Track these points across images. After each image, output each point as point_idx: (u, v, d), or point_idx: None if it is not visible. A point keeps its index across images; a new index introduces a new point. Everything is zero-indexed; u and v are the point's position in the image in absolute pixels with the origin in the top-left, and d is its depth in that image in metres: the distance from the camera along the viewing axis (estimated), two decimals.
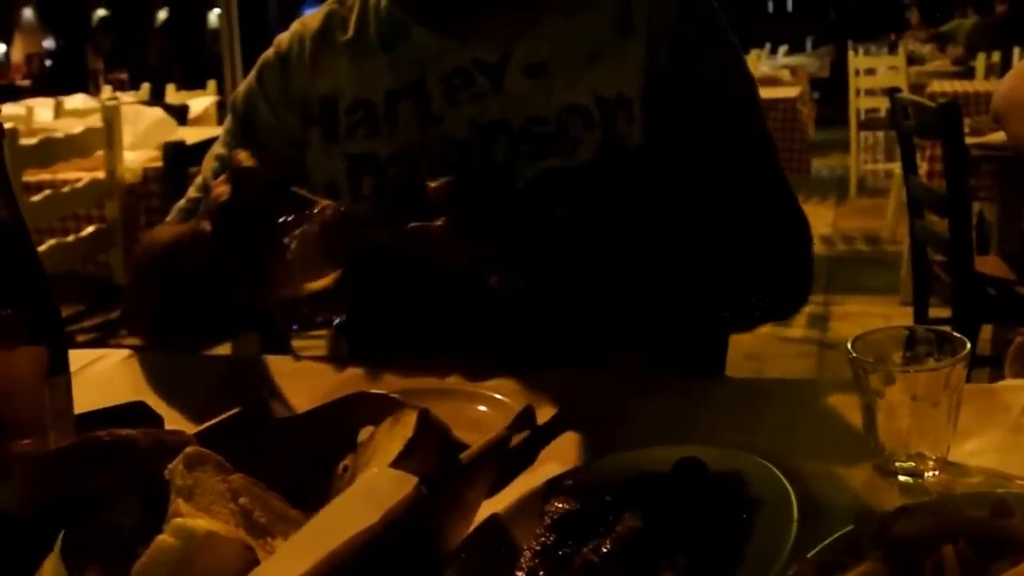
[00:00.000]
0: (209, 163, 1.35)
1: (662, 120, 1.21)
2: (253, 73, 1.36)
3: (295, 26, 1.35)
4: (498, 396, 1.01)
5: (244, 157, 1.01)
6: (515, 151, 1.20)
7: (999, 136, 2.87)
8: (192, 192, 1.35)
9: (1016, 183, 3.29)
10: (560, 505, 0.77)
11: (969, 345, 0.84)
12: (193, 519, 0.61)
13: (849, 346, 0.86)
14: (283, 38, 1.35)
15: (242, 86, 1.37)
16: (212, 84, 6.43)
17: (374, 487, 0.69)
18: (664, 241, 1.22)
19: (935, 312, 3.09)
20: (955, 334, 0.86)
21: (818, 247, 5.64)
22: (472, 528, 0.78)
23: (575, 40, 1.23)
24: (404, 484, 0.69)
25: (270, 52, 1.35)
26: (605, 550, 0.69)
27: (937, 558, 0.63)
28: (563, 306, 1.21)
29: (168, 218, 1.36)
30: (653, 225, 1.22)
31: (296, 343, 2.40)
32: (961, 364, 0.83)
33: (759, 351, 3.72)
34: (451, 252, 1.05)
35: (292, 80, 1.30)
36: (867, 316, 4.22)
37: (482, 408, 1.00)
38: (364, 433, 0.82)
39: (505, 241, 1.10)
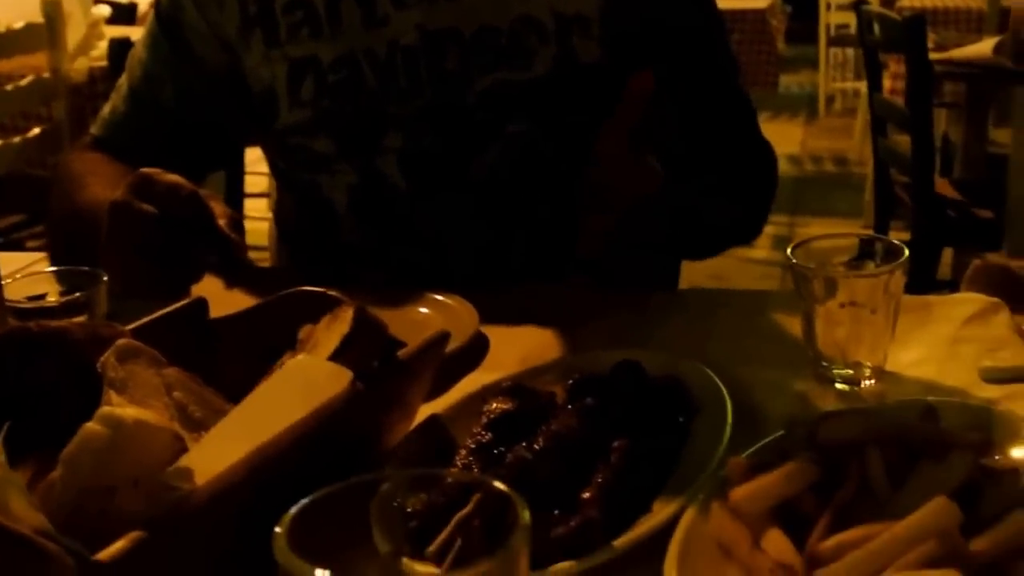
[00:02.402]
0: (133, 69, 1.27)
1: (622, 37, 1.18)
2: None
3: None
4: (440, 297, 1.01)
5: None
6: (466, 61, 1.16)
7: (964, 52, 2.86)
8: (118, 102, 1.28)
9: (980, 101, 3.29)
10: (498, 406, 0.77)
11: (907, 252, 0.84)
12: (123, 409, 0.61)
13: (789, 252, 0.86)
14: None
15: None
16: None
17: (307, 378, 0.68)
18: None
19: (896, 236, 3.10)
20: (894, 242, 0.86)
21: (786, 167, 5.66)
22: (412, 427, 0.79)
23: None
24: (339, 378, 0.69)
25: None
26: (538, 447, 0.70)
27: (863, 460, 0.64)
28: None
29: (92, 128, 1.30)
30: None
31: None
32: (900, 270, 0.84)
33: (722, 271, 3.73)
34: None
35: None
36: None
37: (423, 310, 1.00)
38: (304, 331, 0.82)
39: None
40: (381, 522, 0.54)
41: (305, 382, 0.69)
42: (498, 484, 0.46)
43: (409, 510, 0.57)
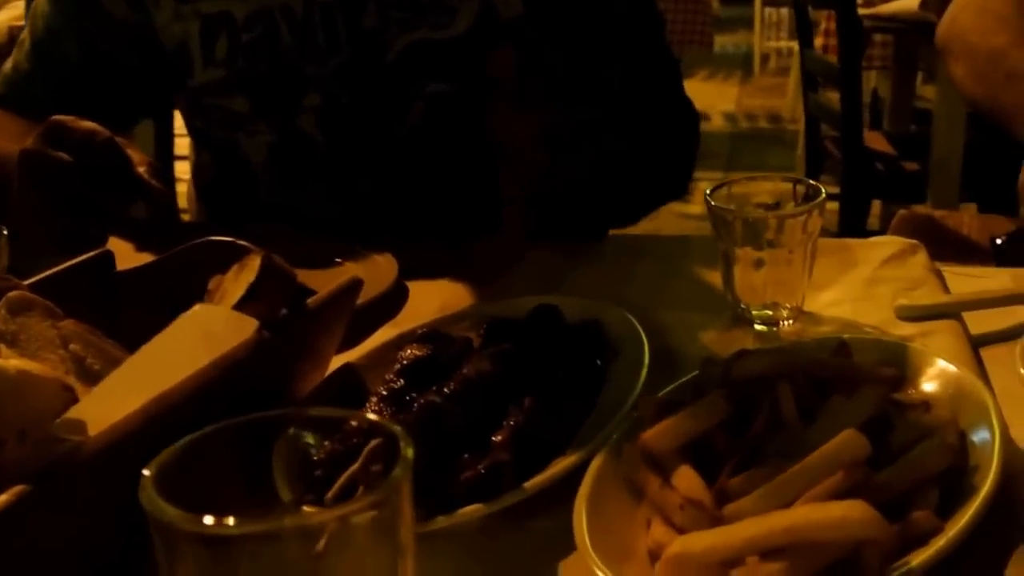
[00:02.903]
0: (35, 23, 1.22)
1: None
2: None
3: None
4: (357, 247, 0.98)
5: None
6: (385, 19, 1.13)
7: (891, 7, 2.87)
8: (20, 58, 1.23)
9: (908, 57, 3.32)
10: (412, 352, 0.76)
11: (824, 193, 0.84)
12: (6, 360, 0.58)
13: (707, 194, 0.85)
14: None
15: None
16: None
17: (209, 326, 0.66)
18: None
19: (826, 189, 3.13)
20: (812, 183, 0.86)
21: (721, 124, 5.70)
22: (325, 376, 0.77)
23: None
24: (244, 326, 0.66)
25: None
26: (448, 391, 0.68)
27: (774, 396, 0.63)
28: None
29: None
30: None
31: None
32: (817, 211, 0.83)
33: (656, 226, 3.74)
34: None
35: None
36: None
37: (338, 260, 0.98)
38: (214, 281, 0.79)
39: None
40: (282, 471, 0.53)
41: (207, 330, 0.67)
42: (385, 424, 0.45)
43: (315, 459, 0.56)
